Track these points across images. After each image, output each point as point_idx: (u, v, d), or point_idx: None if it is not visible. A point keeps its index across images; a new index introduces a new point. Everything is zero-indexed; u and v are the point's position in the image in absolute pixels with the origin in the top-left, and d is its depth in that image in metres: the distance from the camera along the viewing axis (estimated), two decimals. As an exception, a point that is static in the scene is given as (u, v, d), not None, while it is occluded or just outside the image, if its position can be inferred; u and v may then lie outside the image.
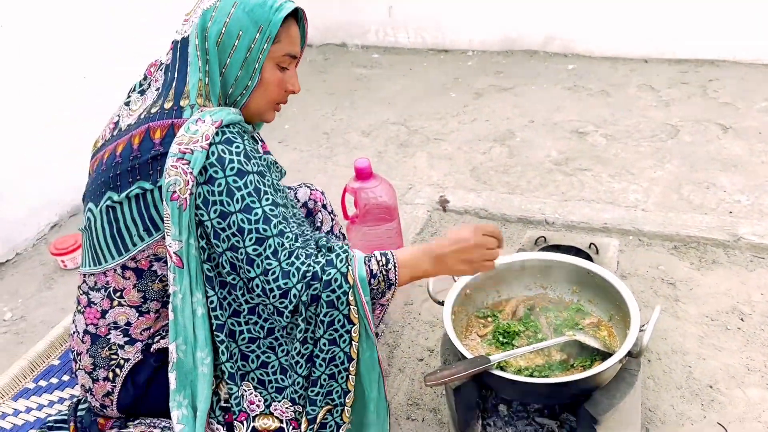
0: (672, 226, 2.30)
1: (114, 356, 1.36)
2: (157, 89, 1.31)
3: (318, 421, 1.28)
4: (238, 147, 1.20)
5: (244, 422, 1.31)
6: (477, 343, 1.56)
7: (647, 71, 3.56)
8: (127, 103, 1.37)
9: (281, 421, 1.30)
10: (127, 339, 1.36)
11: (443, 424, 1.75)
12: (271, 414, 1.31)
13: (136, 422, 1.43)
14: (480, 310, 1.64)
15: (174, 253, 1.21)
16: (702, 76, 3.42)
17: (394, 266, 1.27)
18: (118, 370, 1.36)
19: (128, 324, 1.35)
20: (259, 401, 1.31)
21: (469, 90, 3.64)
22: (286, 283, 1.19)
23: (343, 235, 1.81)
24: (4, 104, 2.59)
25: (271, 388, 1.31)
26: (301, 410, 1.30)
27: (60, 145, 2.81)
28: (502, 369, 1.41)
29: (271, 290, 1.20)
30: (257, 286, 1.20)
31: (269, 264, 1.19)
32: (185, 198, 1.17)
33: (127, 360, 1.36)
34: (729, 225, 2.27)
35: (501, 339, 1.54)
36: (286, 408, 1.30)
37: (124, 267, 1.30)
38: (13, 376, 1.71)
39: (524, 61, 3.90)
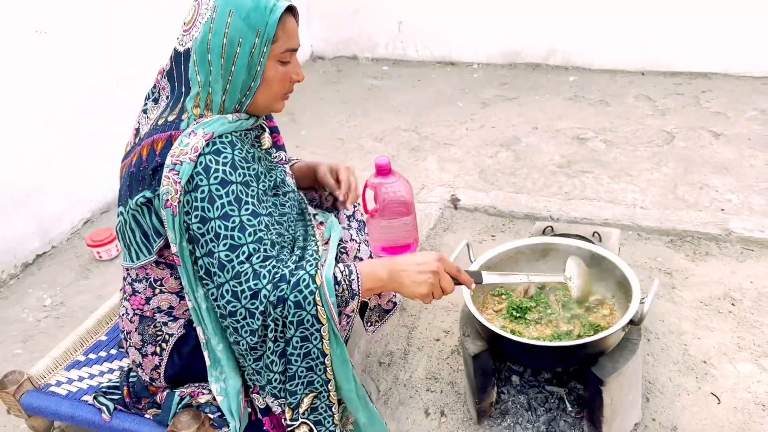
0: (668, 222, 2.47)
1: (159, 332, 1.48)
2: (167, 97, 1.37)
3: (306, 406, 1.35)
4: (225, 157, 1.26)
5: (260, 393, 1.41)
6: (493, 316, 1.72)
7: (644, 83, 3.74)
8: (144, 111, 1.46)
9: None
10: (170, 318, 1.49)
11: (460, 395, 1.90)
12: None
13: (186, 385, 1.57)
14: (495, 289, 1.80)
15: (173, 253, 1.30)
16: (695, 87, 3.60)
17: (357, 277, 1.31)
18: (164, 345, 1.48)
19: (171, 307, 1.48)
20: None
21: (476, 100, 3.82)
22: (256, 284, 1.23)
23: (363, 222, 1.94)
24: (44, 106, 2.74)
25: (263, 379, 1.36)
26: (283, 403, 1.36)
27: (95, 145, 2.96)
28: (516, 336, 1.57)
29: (243, 292, 1.24)
30: (227, 291, 1.24)
31: (242, 267, 1.24)
32: (175, 205, 1.25)
33: (171, 335, 1.48)
34: (721, 221, 2.43)
35: (514, 313, 1.70)
36: (272, 402, 1.37)
37: (157, 262, 1.41)
38: (65, 349, 1.83)
39: (527, 74, 4.08)
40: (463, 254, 1.76)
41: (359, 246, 1.67)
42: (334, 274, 1.30)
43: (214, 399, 1.46)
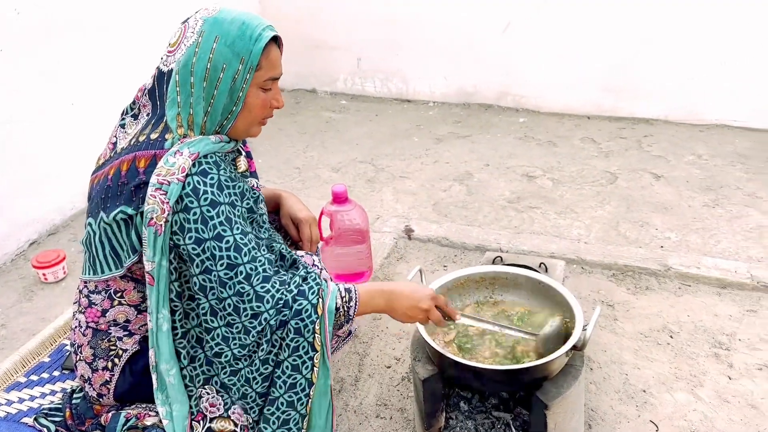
0: (611, 257, 2.57)
1: (113, 347, 1.47)
2: (147, 114, 1.40)
3: None
4: (212, 178, 1.30)
5: (201, 422, 1.41)
6: (442, 344, 1.75)
7: (590, 126, 3.91)
8: (122, 125, 1.47)
9: (236, 425, 1.39)
10: (126, 333, 1.47)
11: (409, 421, 1.92)
12: (229, 417, 1.39)
13: (132, 406, 1.54)
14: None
15: (147, 272, 1.31)
16: (638, 132, 3.78)
17: (356, 303, 1.40)
18: (116, 360, 1.47)
19: (127, 321, 1.47)
20: (220, 404, 1.39)
21: (431, 136, 3.92)
22: (258, 307, 1.28)
23: (318, 248, 1.97)
24: (-6, 125, 2.70)
25: (234, 393, 1.38)
26: (251, 421, 1.38)
27: (45, 167, 2.92)
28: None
29: (244, 309, 1.29)
30: (229, 305, 1.29)
31: (242, 288, 1.28)
32: (161, 224, 1.27)
33: (125, 350, 1.47)
34: (660, 257, 2.55)
35: (463, 340, 1.74)
36: (241, 414, 1.38)
37: (122, 276, 1.42)
38: (5, 370, 1.77)
39: (480, 113, 4.22)
40: (416, 280, 1.80)
41: (321, 272, 1.69)
42: (336, 302, 1.37)
43: (161, 421, 1.44)
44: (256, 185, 1.62)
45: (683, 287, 2.43)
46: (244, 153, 1.55)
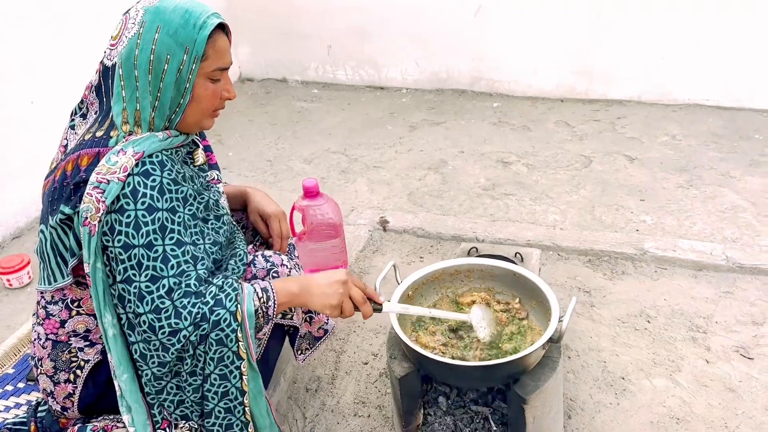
0: (586, 242, 2.56)
1: (74, 359, 1.41)
2: (96, 112, 1.35)
3: None
4: (154, 180, 1.23)
5: (166, 430, 1.36)
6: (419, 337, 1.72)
7: (563, 109, 3.89)
8: (72, 126, 1.41)
9: None
10: (87, 343, 1.42)
11: (387, 419, 1.89)
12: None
13: (99, 418, 1.50)
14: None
15: (86, 274, 1.25)
16: (611, 114, 3.77)
17: (274, 303, 1.33)
18: (78, 371, 1.42)
19: (87, 331, 1.41)
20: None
21: (405, 123, 3.88)
22: (177, 323, 1.22)
23: (292, 245, 1.93)
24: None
25: (169, 405, 1.33)
26: (196, 426, 1.34)
27: (7, 167, 2.82)
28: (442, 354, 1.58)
29: (161, 327, 1.22)
30: (144, 322, 1.22)
31: (162, 303, 1.22)
32: (95, 224, 1.21)
33: (87, 361, 1.42)
34: (636, 241, 2.54)
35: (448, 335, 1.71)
36: (182, 426, 1.35)
37: (78, 283, 1.36)
38: (-33, 384, 1.73)
39: (454, 99, 4.18)
40: (391, 276, 1.76)
41: (290, 271, 1.64)
42: (254, 304, 1.31)
43: (129, 432, 1.41)
44: (216, 178, 1.56)
45: (659, 271, 2.43)
46: (201, 146, 1.48)
